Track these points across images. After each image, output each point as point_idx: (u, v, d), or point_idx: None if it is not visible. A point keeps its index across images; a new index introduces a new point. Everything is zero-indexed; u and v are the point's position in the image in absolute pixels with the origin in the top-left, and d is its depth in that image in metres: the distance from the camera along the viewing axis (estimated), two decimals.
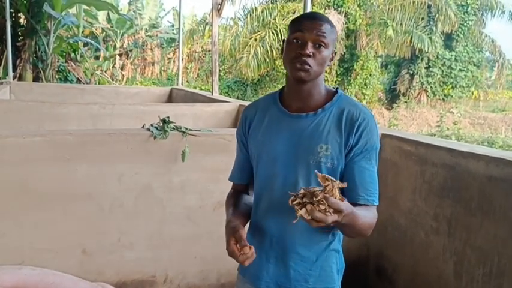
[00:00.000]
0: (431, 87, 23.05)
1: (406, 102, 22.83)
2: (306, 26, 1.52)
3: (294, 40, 1.53)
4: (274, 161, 1.60)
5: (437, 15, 21.31)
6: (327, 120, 1.56)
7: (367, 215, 1.51)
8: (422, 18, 21.53)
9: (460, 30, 22.07)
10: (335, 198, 1.28)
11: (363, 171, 1.55)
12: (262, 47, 19.18)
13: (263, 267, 1.64)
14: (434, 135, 16.29)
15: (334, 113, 1.56)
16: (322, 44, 1.51)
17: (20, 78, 10.86)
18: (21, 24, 11.54)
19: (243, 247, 1.44)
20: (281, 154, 1.59)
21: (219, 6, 6.63)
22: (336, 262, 1.65)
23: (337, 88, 1.66)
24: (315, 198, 1.26)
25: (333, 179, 1.30)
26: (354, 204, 1.46)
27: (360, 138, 1.53)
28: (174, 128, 2.82)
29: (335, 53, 1.65)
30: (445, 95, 23.16)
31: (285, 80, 1.68)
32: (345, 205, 1.31)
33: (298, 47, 1.52)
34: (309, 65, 1.51)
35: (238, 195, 1.76)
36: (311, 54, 1.50)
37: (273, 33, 19.38)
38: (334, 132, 1.54)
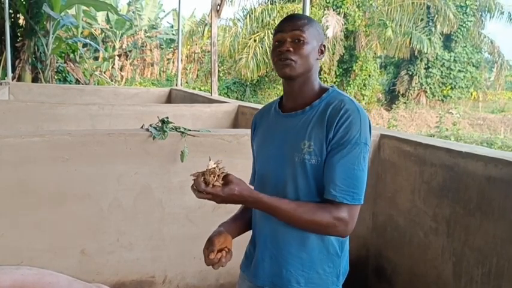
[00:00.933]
0: (430, 88, 23.07)
1: (405, 103, 22.86)
2: (284, 26, 1.58)
3: (276, 43, 1.59)
4: (267, 162, 1.64)
5: (436, 16, 21.34)
6: (313, 117, 1.56)
7: (303, 211, 1.47)
8: (422, 19, 21.55)
9: (459, 31, 22.11)
10: (210, 181, 1.43)
11: (336, 165, 1.47)
12: (262, 47, 19.19)
13: (260, 265, 1.66)
14: (434, 136, 16.30)
15: (321, 110, 1.55)
16: (301, 38, 1.54)
17: (19, 78, 10.86)
18: (21, 25, 11.54)
19: (210, 252, 1.53)
20: (273, 154, 1.62)
21: (218, 7, 6.64)
22: (333, 266, 1.60)
23: (332, 86, 1.65)
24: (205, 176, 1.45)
25: (220, 168, 1.45)
26: (325, 200, 1.49)
27: (338, 131, 1.48)
28: (173, 129, 2.82)
29: (324, 46, 1.62)
30: (444, 96, 23.19)
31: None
32: (223, 190, 1.41)
33: (279, 47, 1.57)
34: (291, 59, 1.54)
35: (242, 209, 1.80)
36: (290, 49, 1.54)
37: (272, 34, 19.37)
38: (317, 128, 1.53)
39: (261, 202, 1.47)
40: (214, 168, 1.45)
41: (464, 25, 22.05)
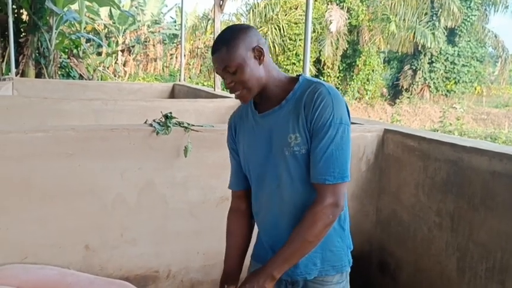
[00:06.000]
0: (434, 82, 22.99)
1: (408, 97, 22.78)
2: (214, 64, 1.59)
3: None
4: (261, 162, 1.66)
5: (440, 11, 21.23)
6: (290, 109, 1.58)
7: (303, 238, 1.53)
8: (425, 14, 21.46)
9: (463, 25, 21.99)
10: None
11: (315, 150, 1.53)
12: (265, 43, 19.12)
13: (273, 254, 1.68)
14: (437, 130, 16.25)
15: (296, 100, 1.58)
16: (231, 68, 1.54)
17: (23, 74, 10.86)
18: (24, 20, 11.53)
19: None
20: (263, 153, 1.64)
21: (221, 2, 6.62)
22: (341, 240, 1.68)
23: (299, 75, 1.67)
24: None
25: None
26: (314, 185, 1.54)
27: (313, 116, 1.52)
28: (176, 124, 2.82)
29: (258, 47, 1.58)
30: (447, 91, 23.10)
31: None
32: None
33: (223, 79, 1.60)
34: (239, 91, 1.57)
35: (236, 221, 1.83)
36: (232, 82, 1.56)
37: (275, 28, 19.34)
38: (297, 119, 1.55)
39: (279, 269, 1.54)
40: None
41: (468, 19, 21.93)
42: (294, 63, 19.55)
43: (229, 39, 1.55)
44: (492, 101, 24.43)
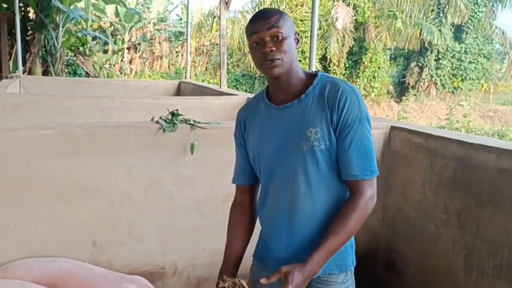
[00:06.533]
0: (440, 79, 22.86)
1: (415, 95, 22.68)
2: (259, 25, 1.56)
3: (254, 44, 1.59)
4: (273, 156, 1.64)
5: (447, 7, 21.11)
6: (311, 104, 1.58)
7: (342, 230, 1.53)
8: (432, 10, 21.34)
9: (470, 22, 21.84)
10: None
11: (349, 147, 1.55)
12: None
13: (277, 253, 1.69)
14: (444, 128, 16.19)
15: (317, 95, 1.59)
16: (280, 34, 1.55)
17: (30, 72, 10.92)
18: (30, 18, 11.59)
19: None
20: (278, 146, 1.63)
21: None
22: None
23: (317, 71, 1.68)
24: None
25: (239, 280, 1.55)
26: (347, 182, 1.56)
27: (342, 113, 1.54)
28: (182, 121, 2.82)
29: (298, 35, 1.64)
30: (454, 88, 22.97)
31: None
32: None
33: (260, 48, 1.57)
34: (277, 58, 1.55)
35: (238, 214, 1.83)
36: (273, 48, 1.54)
37: None
38: (319, 114, 1.56)
39: (322, 263, 1.52)
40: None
41: (475, 16, 21.78)
42: (300, 61, 19.27)
43: (284, 13, 1.61)
44: (499, 98, 24.28)
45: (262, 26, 1.55)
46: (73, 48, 13.76)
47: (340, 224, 1.53)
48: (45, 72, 11.48)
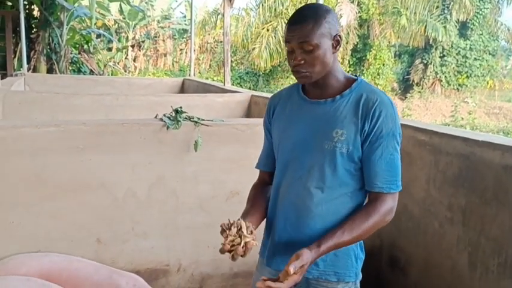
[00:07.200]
0: (445, 76, 22.76)
1: (419, 92, 22.60)
2: (290, 35, 1.54)
3: (287, 49, 1.57)
4: (293, 147, 1.63)
5: (452, 4, 21.00)
6: (344, 106, 1.57)
7: (358, 227, 1.52)
8: (437, 7, 21.24)
9: (475, 18, 21.72)
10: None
11: (378, 159, 1.53)
12: (275, 37, 19.10)
13: (281, 251, 1.67)
14: (449, 125, 16.13)
15: (353, 100, 1.57)
16: (310, 47, 1.51)
17: (34, 70, 10.96)
18: (35, 16, 11.62)
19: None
20: (299, 139, 1.61)
21: None
22: (354, 249, 1.65)
23: (358, 76, 1.66)
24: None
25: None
26: (371, 193, 1.55)
27: (375, 124, 1.52)
28: (186, 118, 2.83)
29: (339, 36, 1.58)
30: (459, 85, 22.86)
31: None
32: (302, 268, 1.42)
33: (291, 57, 1.55)
34: (305, 71, 1.53)
35: (261, 188, 1.79)
36: (302, 62, 1.52)
37: (285, 23, 19.24)
38: (350, 118, 1.54)
39: (327, 251, 1.51)
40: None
41: (480, 12, 21.66)
42: None
43: (319, 17, 1.52)
44: (505, 95, 24.15)
45: (293, 37, 1.52)
46: (77, 46, 13.79)
47: (360, 220, 1.53)
48: (50, 70, 11.51)
